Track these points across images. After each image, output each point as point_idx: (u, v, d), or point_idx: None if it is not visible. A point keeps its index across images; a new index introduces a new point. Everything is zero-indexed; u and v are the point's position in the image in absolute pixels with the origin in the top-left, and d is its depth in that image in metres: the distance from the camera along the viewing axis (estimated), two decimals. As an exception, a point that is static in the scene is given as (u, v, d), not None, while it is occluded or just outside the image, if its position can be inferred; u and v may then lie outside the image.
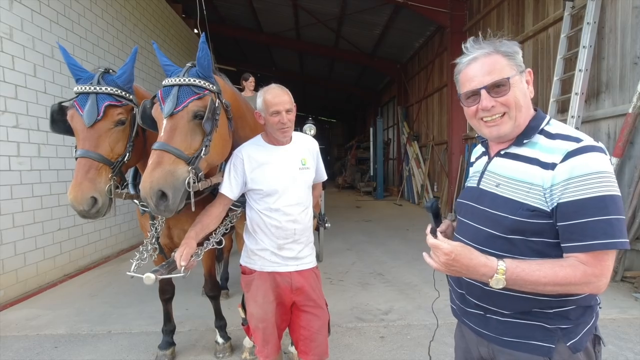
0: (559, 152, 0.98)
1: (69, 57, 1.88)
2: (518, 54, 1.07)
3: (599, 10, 4.70)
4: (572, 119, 4.79)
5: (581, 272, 0.92)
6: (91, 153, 1.79)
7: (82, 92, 1.81)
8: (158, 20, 7.97)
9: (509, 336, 1.06)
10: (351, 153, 19.15)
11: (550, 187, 0.97)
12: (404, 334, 3.12)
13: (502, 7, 7.21)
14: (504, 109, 1.04)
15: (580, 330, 1.01)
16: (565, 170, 0.95)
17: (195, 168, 1.61)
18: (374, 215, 9.70)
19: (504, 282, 0.95)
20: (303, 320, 1.81)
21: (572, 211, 0.93)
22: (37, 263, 4.38)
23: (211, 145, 1.66)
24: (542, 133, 1.05)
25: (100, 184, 1.80)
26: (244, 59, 15.78)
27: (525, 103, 1.06)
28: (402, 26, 10.46)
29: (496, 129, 1.07)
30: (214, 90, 1.70)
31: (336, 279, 4.57)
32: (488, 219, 1.08)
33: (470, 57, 1.08)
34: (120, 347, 2.97)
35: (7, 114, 4.03)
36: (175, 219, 2.37)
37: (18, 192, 4.14)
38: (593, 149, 0.96)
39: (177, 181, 1.57)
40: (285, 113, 1.71)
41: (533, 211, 0.99)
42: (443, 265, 1.00)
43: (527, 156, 1.04)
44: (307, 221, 1.83)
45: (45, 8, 4.64)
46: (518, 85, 1.04)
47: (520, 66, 1.06)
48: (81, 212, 1.77)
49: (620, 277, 4.09)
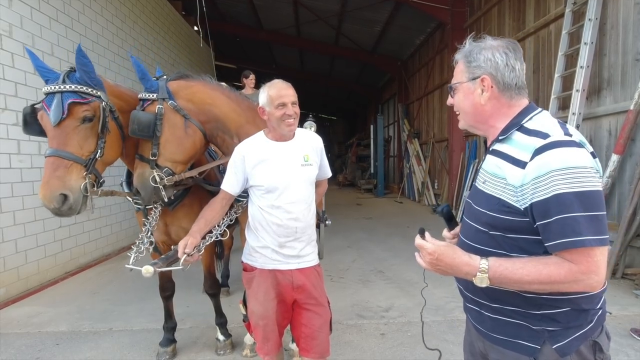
0: (529, 150, 0.97)
1: (37, 60, 1.88)
2: (474, 61, 1.09)
3: (600, 6, 4.68)
4: (573, 115, 4.78)
5: (566, 270, 0.91)
6: (60, 151, 1.80)
7: (49, 92, 1.83)
8: (158, 18, 7.95)
9: (498, 333, 1.07)
10: (352, 151, 19.12)
11: (520, 186, 0.96)
12: (404, 331, 3.12)
13: (503, 3, 7.18)
14: (457, 107, 1.19)
15: (570, 334, 0.99)
16: (533, 168, 0.94)
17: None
18: (374, 213, 9.70)
19: (487, 280, 0.96)
20: (304, 318, 1.81)
21: (544, 210, 0.92)
22: (38, 261, 4.39)
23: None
24: (520, 129, 1.05)
25: (71, 181, 1.80)
26: (244, 57, 15.75)
27: (469, 108, 1.13)
28: (403, 23, 10.42)
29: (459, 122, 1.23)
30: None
31: (337, 276, 4.58)
32: (475, 215, 1.10)
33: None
34: (122, 345, 2.98)
35: (7, 112, 4.03)
36: (172, 216, 2.43)
37: (19, 190, 4.14)
38: (560, 145, 0.93)
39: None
40: (291, 105, 1.71)
41: (508, 207, 0.99)
42: (429, 265, 1.04)
43: (504, 152, 1.05)
44: (309, 219, 1.81)
45: (45, 5, 4.63)
46: (463, 91, 1.13)
47: (472, 73, 1.10)
48: (53, 210, 1.78)
49: (621, 274, 4.09)
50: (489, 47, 1.08)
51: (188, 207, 2.42)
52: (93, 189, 1.90)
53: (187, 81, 2.16)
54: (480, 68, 1.08)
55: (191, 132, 2.07)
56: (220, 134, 2.19)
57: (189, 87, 2.13)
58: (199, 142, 2.13)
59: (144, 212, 2.34)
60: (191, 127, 2.06)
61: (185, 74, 2.20)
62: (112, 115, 1.99)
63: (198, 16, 6.14)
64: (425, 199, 10.86)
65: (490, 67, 1.07)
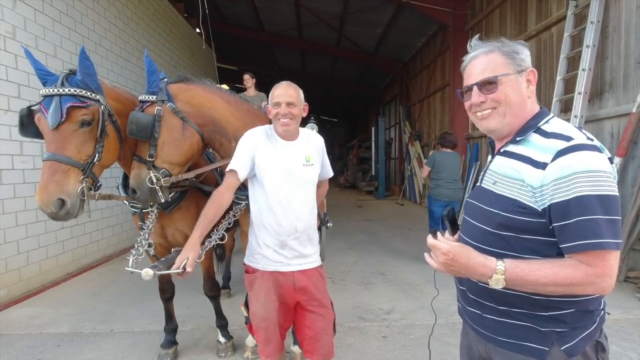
0: (550, 152, 0.97)
1: (35, 62, 1.87)
2: (519, 53, 1.08)
3: (602, 9, 4.67)
4: (575, 118, 4.77)
5: (582, 273, 0.91)
6: (58, 155, 1.78)
7: (47, 94, 1.81)
8: (160, 19, 7.98)
9: (504, 336, 1.06)
10: (353, 152, 19.12)
11: (540, 187, 0.96)
12: (406, 333, 3.12)
13: (504, 5, 7.18)
14: (493, 104, 1.08)
15: (577, 335, 1.00)
16: (555, 170, 0.94)
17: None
18: (375, 215, 9.70)
19: (504, 282, 0.95)
20: (308, 320, 1.81)
21: (562, 212, 0.92)
22: (40, 262, 4.39)
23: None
24: (538, 132, 1.05)
25: (68, 185, 1.79)
26: (245, 58, 15.78)
27: (518, 101, 1.07)
28: (404, 25, 10.43)
29: (485, 122, 1.12)
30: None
31: (338, 278, 4.57)
32: (483, 216, 1.09)
33: (472, 55, 1.12)
34: (123, 346, 2.98)
35: (10, 113, 4.04)
36: (168, 219, 2.43)
37: (21, 191, 4.15)
38: (583, 148, 0.94)
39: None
40: (286, 105, 1.71)
41: (524, 208, 0.99)
42: (442, 265, 1.01)
43: (520, 154, 1.05)
44: (310, 219, 1.81)
45: (48, 7, 4.65)
46: (511, 84, 1.06)
47: (520, 65, 1.07)
48: (50, 215, 1.77)
49: (624, 277, 4.08)
50: (520, 42, 1.10)
51: (184, 210, 2.42)
52: (90, 192, 1.88)
53: (187, 84, 2.18)
54: (524, 61, 1.08)
55: (189, 134, 2.09)
56: (218, 137, 2.21)
57: (188, 90, 2.15)
58: (196, 144, 2.13)
59: (140, 215, 2.35)
60: (189, 130, 2.08)
61: (185, 77, 2.22)
62: (110, 118, 1.99)
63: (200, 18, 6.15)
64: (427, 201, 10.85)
65: (530, 62, 1.09)
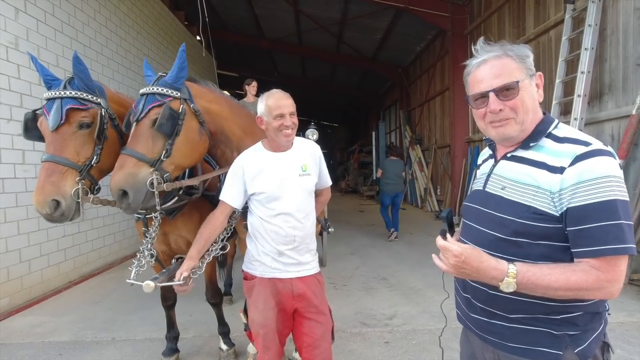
0: (568, 156, 0.97)
1: (42, 67, 1.89)
2: (528, 57, 1.07)
3: (600, 12, 4.69)
4: (575, 121, 4.77)
5: (594, 278, 0.91)
6: (56, 157, 1.80)
7: (50, 97, 1.84)
8: (161, 28, 8.04)
9: (515, 342, 1.04)
10: (354, 157, 19.13)
11: (559, 191, 0.96)
12: (408, 339, 3.10)
13: (502, 10, 7.23)
14: (512, 112, 1.04)
15: (589, 337, 0.99)
16: (574, 174, 0.94)
17: (159, 170, 1.75)
18: (377, 219, 9.67)
19: (515, 285, 0.94)
20: (306, 327, 1.81)
21: (581, 216, 0.92)
22: (42, 270, 4.39)
23: (174, 149, 1.80)
24: (549, 137, 1.05)
25: (65, 187, 1.79)
26: (246, 65, 15.88)
27: (533, 107, 1.06)
28: (404, 30, 10.49)
29: (502, 129, 1.07)
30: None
31: (340, 283, 4.56)
32: (494, 222, 1.07)
33: (480, 60, 1.08)
34: (125, 354, 2.97)
35: (12, 122, 4.07)
36: (171, 225, 2.38)
37: (23, 200, 4.16)
38: (602, 153, 0.95)
39: (138, 182, 1.72)
40: (289, 116, 1.72)
41: (540, 214, 0.98)
42: (452, 268, 0.99)
43: (533, 159, 1.04)
44: (308, 227, 1.81)
45: (51, 17, 4.70)
46: (527, 89, 1.04)
47: (530, 69, 1.06)
48: (45, 216, 1.77)
49: (628, 280, 4.05)
50: (525, 46, 1.09)
51: (187, 216, 2.39)
52: (86, 195, 1.87)
53: (202, 87, 2.09)
54: (532, 65, 1.08)
55: (203, 139, 1.97)
56: (222, 146, 2.14)
57: (205, 94, 2.04)
58: (204, 151, 2.05)
59: (143, 221, 2.29)
60: (204, 135, 1.97)
61: (193, 78, 2.12)
62: (112, 122, 1.99)
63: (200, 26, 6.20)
64: (428, 205, 10.83)
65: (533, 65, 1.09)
